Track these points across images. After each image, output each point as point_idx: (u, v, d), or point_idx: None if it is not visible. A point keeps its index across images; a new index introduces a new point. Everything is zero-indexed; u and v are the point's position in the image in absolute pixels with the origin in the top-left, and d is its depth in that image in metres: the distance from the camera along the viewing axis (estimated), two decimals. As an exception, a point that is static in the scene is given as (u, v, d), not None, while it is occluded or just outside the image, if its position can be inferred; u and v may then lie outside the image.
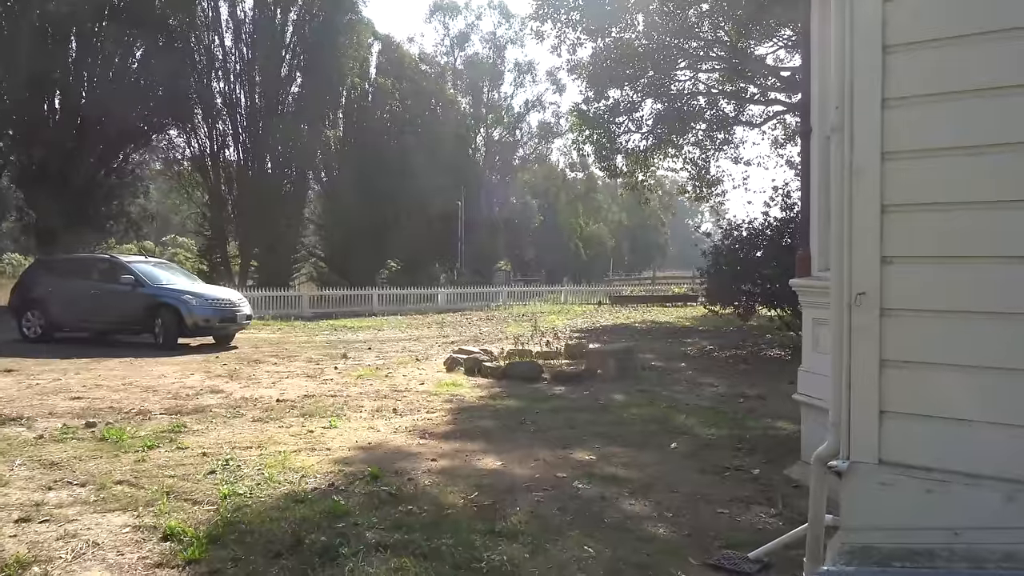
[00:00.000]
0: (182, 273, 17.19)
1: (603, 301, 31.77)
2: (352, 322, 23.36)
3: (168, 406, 8.12)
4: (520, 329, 19.14)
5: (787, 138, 32.10)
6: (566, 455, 6.10)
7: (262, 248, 35.27)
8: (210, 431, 6.90)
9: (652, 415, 7.84)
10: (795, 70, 28.13)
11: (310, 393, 9.08)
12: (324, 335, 18.76)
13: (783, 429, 7.19)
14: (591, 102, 27.54)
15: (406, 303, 30.54)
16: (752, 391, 9.38)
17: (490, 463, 5.82)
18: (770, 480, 5.42)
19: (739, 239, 12.97)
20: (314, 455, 5.97)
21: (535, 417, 7.64)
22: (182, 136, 33.94)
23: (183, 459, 5.83)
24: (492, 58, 53.06)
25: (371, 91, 41.45)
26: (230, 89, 34.00)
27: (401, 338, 17.63)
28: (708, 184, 31.45)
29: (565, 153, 74.77)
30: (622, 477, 5.47)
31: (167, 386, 9.61)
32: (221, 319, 14.84)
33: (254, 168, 34.52)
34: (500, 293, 34.31)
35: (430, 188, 41.52)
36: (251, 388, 9.54)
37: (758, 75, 28.09)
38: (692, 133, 29.69)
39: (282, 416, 7.62)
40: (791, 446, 6.41)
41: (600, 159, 29.36)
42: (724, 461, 5.96)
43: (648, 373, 10.89)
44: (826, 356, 5.25)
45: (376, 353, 13.96)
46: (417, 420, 7.48)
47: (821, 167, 5.28)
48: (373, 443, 6.46)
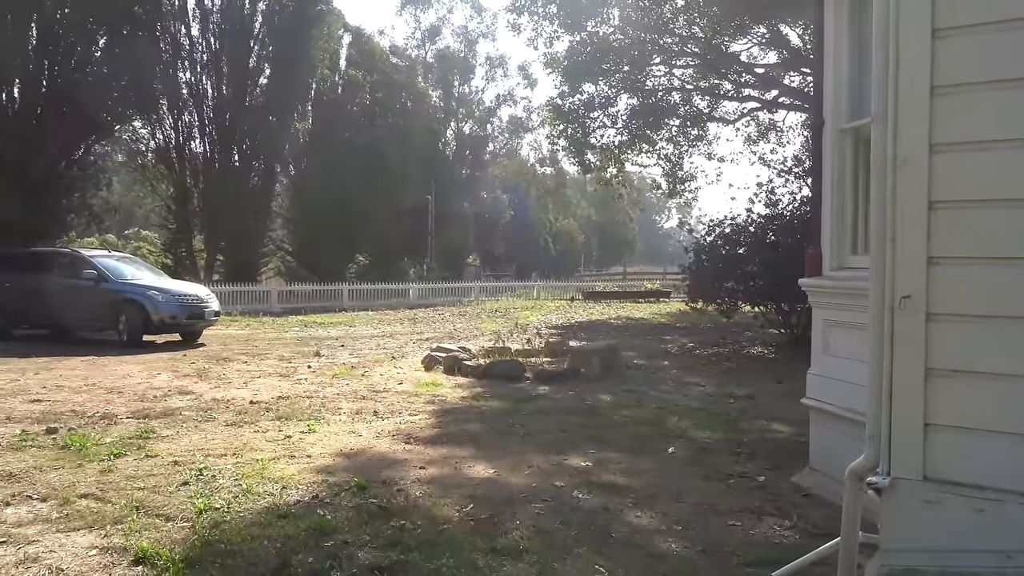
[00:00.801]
0: (147, 268, 16.61)
1: (575, 297, 31.58)
2: (322, 318, 22.89)
3: (135, 409, 7.69)
4: (495, 325, 18.90)
5: (760, 135, 32.18)
6: (560, 461, 5.80)
7: (229, 242, 34.50)
8: (181, 437, 6.49)
9: (643, 417, 7.58)
10: (769, 67, 28.22)
11: (285, 394, 8.69)
12: (294, 331, 18.29)
13: (779, 432, 6.98)
14: (566, 96, 27.31)
15: (377, 298, 30.07)
16: (740, 391, 9.17)
17: (482, 471, 5.51)
18: (778, 488, 5.18)
19: (722, 235, 12.78)
20: (294, 463, 5.61)
21: (523, 419, 7.34)
22: (147, 127, 33.01)
23: (153, 468, 5.44)
24: (463, 52, 52.55)
25: (341, 83, 40.82)
26: (197, 80, 33.16)
27: (374, 335, 17.23)
28: (681, 180, 31.36)
29: (535, 148, 74.75)
30: (623, 485, 5.19)
31: (133, 387, 9.15)
32: (188, 316, 14.33)
33: (221, 160, 33.71)
34: (472, 288, 33.98)
35: (400, 182, 41.05)
36: (222, 389, 9.12)
37: (732, 72, 28.06)
38: (666, 129, 29.58)
39: (257, 419, 7.23)
40: (791, 450, 6.20)
41: (574, 154, 29.12)
42: (726, 467, 5.71)
43: (632, 372, 10.64)
44: (838, 359, 5.03)
45: (350, 351, 13.56)
46: (400, 423, 7.13)
47: (834, 161, 5.04)
48: (356, 449, 6.11)
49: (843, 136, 5.01)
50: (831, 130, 5.07)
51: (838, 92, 5.02)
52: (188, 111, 33.03)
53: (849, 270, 4.93)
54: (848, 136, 4.99)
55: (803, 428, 7.00)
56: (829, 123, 5.09)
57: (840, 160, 5.02)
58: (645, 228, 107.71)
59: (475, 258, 58.25)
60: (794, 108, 28.57)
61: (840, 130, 5.01)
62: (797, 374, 10.35)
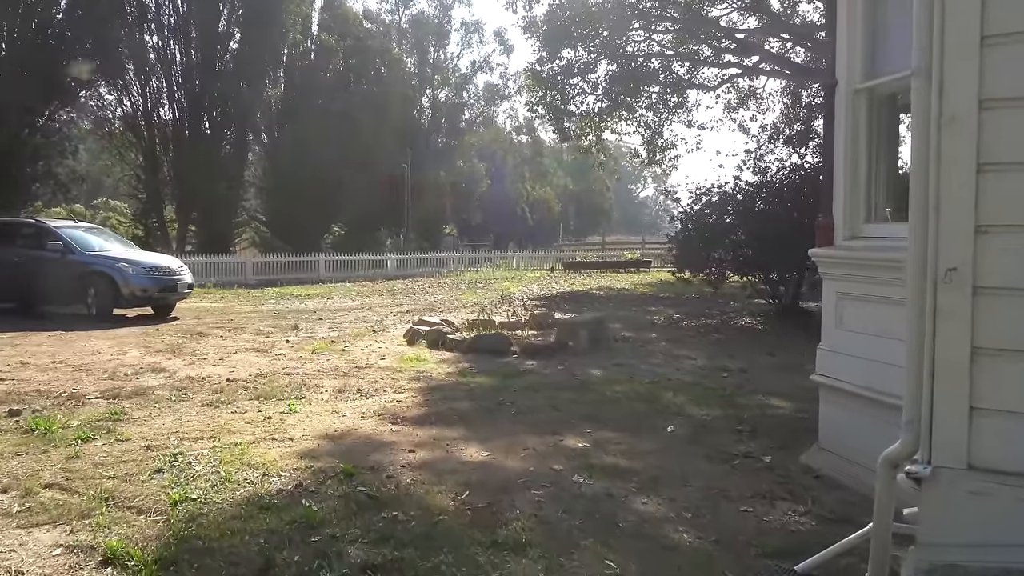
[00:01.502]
0: (116, 239, 16.05)
1: (555, 267, 31.31)
2: (299, 290, 22.44)
3: (104, 388, 7.31)
4: (476, 296, 18.59)
5: (739, 102, 31.90)
6: (556, 442, 5.54)
7: (201, 212, 33.82)
8: (154, 418, 6.14)
9: (636, 392, 7.33)
10: (749, 32, 27.87)
11: (263, 371, 8.33)
12: (271, 304, 17.87)
13: (779, 408, 6.77)
14: (544, 62, 26.82)
15: (354, 269, 29.60)
16: (733, 364, 8.96)
17: (475, 454, 5.22)
18: (787, 469, 4.95)
19: (709, 204, 12.50)
20: (275, 447, 5.29)
21: (513, 397, 7.06)
22: (113, 93, 32.14)
23: (124, 454, 5.09)
24: (438, 17, 51.44)
25: (314, 49, 39.90)
26: (164, 44, 32.23)
27: (353, 307, 16.86)
28: (661, 148, 31.07)
29: (511, 116, 74.06)
30: (624, 468, 4.93)
31: (102, 364, 8.75)
32: (160, 288, 13.85)
33: (191, 128, 32.92)
34: (451, 259, 33.58)
35: (376, 150, 40.33)
36: (197, 366, 8.74)
37: (712, 37, 27.70)
38: (646, 96, 29.24)
39: (234, 399, 6.88)
40: (794, 427, 6.00)
41: (553, 121, 28.70)
42: (729, 446, 5.48)
43: (620, 345, 10.39)
44: (853, 334, 4.77)
45: (329, 324, 13.19)
46: (385, 402, 6.82)
47: (848, 124, 4.74)
48: (340, 431, 5.80)
49: (857, 97, 4.71)
50: (844, 90, 4.77)
51: (852, 49, 4.71)
52: (156, 76, 32.18)
53: (863, 239, 4.67)
54: (863, 96, 4.70)
55: (803, 404, 6.83)
56: (843, 83, 4.79)
57: (854, 122, 4.73)
58: (621, 197, 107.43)
59: (452, 228, 57.66)
60: (774, 74, 28.33)
61: (855, 90, 4.71)
62: (788, 346, 10.24)
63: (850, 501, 4.34)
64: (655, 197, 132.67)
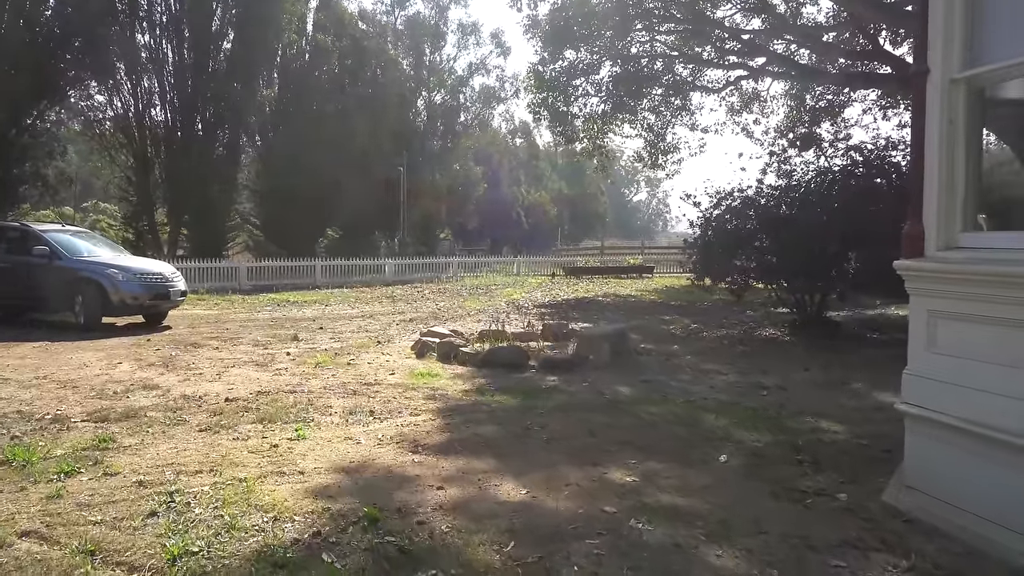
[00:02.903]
0: (106, 243, 15.35)
1: (556, 272, 30.70)
2: (295, 296, 21.79)
3: (92, 409, 6.66)
4: (479, 304, 18.03)
5: (743, 105, 31.48)
6: (600, 475, 4.93)
7: (193, 215, 33.12)
8: (146, 446, 5.51)
9: (674, 414, 6.73)
10: (754, 32, 27.39)
11: (264, 388, 7.70)
12: (267, 311, 17.22)
13: (834, 433, 6.16)
14: (547, 63, 26.28)
15: (351, 275, 28.91)
16: (768, 380, 8.38)
17: (512, 491, 4.61)
18: (868, 510, 4.35)
19: (730, 208, 11.92)
20: (285, 483, 4.67)
21: (540, 419, 6.45)
22: (104, 93, 31.44)
23: (113, 492, 4.47)
24: (434, 18, 50.96)
25: (309, 50, 39.26)
26: (156, 43, 31.53)
27: (353, 315, 16.22)
28: (664, 151, 30.59)
29: (507, 119, 73.52)
30: (685, 509, 4.33)
31: (90, 380, 8.11)
32: (152, 296, 13.17)
33: (183, 129, 32.21)
34: (450, 264, 32.90)
35: (371, 153, 39.77)
36: (192, 382, 8.10)
37: (717, 39, 27.24)
38: (649, 98, 28.76)
39: (235, 422, 6.25)
40: (858, 456, 5.42)
41: (555, 123, 28.13)
42: (794, 481, 4.88)
43: (644, 359, 9.79)
44: (951, 359, 4.14)
45: (330, 334, 12.55)
46: (402, 426, 6.20)
47: (942, 118, 4.16)
48: (356, 462, 5.18)
49: (954, 88, 4.13)
50: (939, 81, 4.18)
51: (949, 34, 4.13)
52: (148, 76, 31.49)
53: (962, 250, 4.08)
54: (960, 87, 4.12)
55: (858, 427, 6.26)
56: (936, 72, 4.21)
57: (949, 117, 4.15)
58: (614, 201, 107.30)
59: (448, 232, 57.02)
60: (781, 76, 27.87)
61: (951, 80, 4.13)
62: (822, 360, 9.65)
63: (955, 552, 3.76)
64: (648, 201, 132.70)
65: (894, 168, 10.81)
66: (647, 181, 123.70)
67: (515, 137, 79.22)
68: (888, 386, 8.03)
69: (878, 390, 7.84)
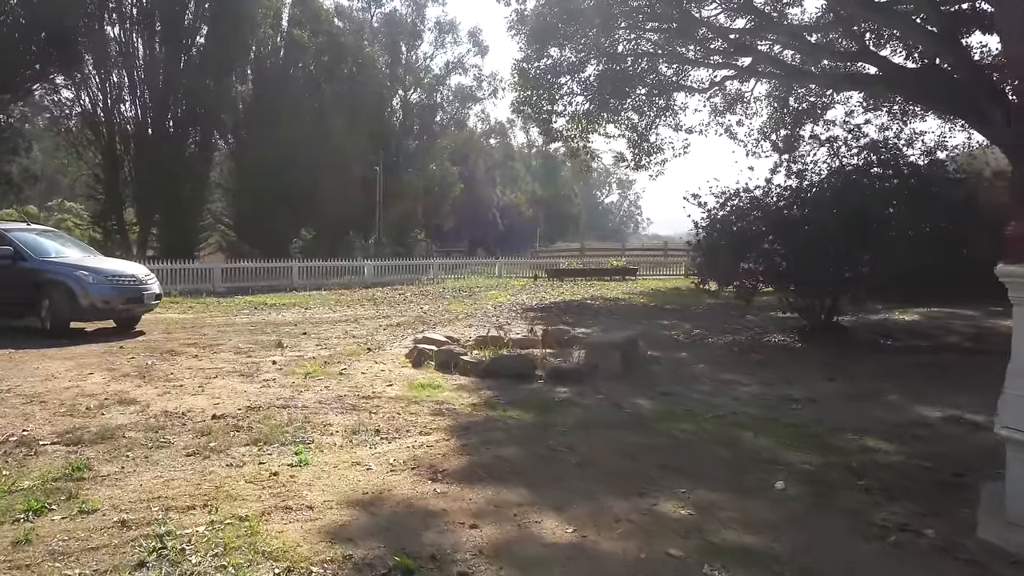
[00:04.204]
0: (74, 243, 14.50)
1: (538, 274, 30.15)
2: (272, 298, 21.00)
3: (63, 429, 5.95)
4: (464, 307, 17.45)
5: (726, 106, 31.19)
6: (650, 508, 4.36)
7: (163, 214, 32.12)
8: (127, 475, 4.83)
9: (708, 432, 6.18)
10: (741, 32, 27.08)
11: (254, 403, 7.02)
12: (245, 315, 16.46)
13: (886, 453, 5.66)
14: (532, 60, 25.73)
15: (329, 276, 28.12)
16: (794, 391, 7.89)
17: (557, 529, 4.02)
18: (966, 550, 3.83)
19: (737, 209, 11.43)
20: (293, 521, 4.04)
21: (564, 439, 5.86)
22: (71, 88, 30.30)
23: (91, 535, 3.82)
24: (412, 16, 50.13)
25: (283, 45, 38.36)
26: (126, 36, 30.49)
27: (336, 319, 15.52)
28: (647, 152, 30.20)
29: (483, 119, 72.86)
30: (759, 552, 3.77)
31: (59, 393, 7.37)
32: (125, 300, 12.38)
33: (154, 126, 31.22)
34: (431, 266, 32.21)
35: (347, 152, 38.99)
36: (173, 395, 7.40)
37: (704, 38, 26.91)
38: (632, 98, 28.36)
39: (226, 444, 5.57)
40: (925, 481, 4.96)
41: (540, 122, 27.61)
42: (868, 512, 4.35)
43: (655, 368, 9.25)
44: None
45: (316, 340, 11.87)
46: (413, 447, 5.58)
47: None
48: (370, 493, 4.56)
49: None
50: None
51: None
52: (117, 71, 30.43)
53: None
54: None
55: (909, 447, 5.81)
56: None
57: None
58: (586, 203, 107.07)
59: (424, 233, 56.23)
60: (767, 75, 27.59)
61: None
62: (843, 369, 9.15)
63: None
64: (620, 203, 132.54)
65: (911, 168, 10.40)
66: (619, 183, 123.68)
67: (490, 137, 78.56)
68: (923, 398, 7.60)
69: (915, 403, 7.38)
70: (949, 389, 8.00)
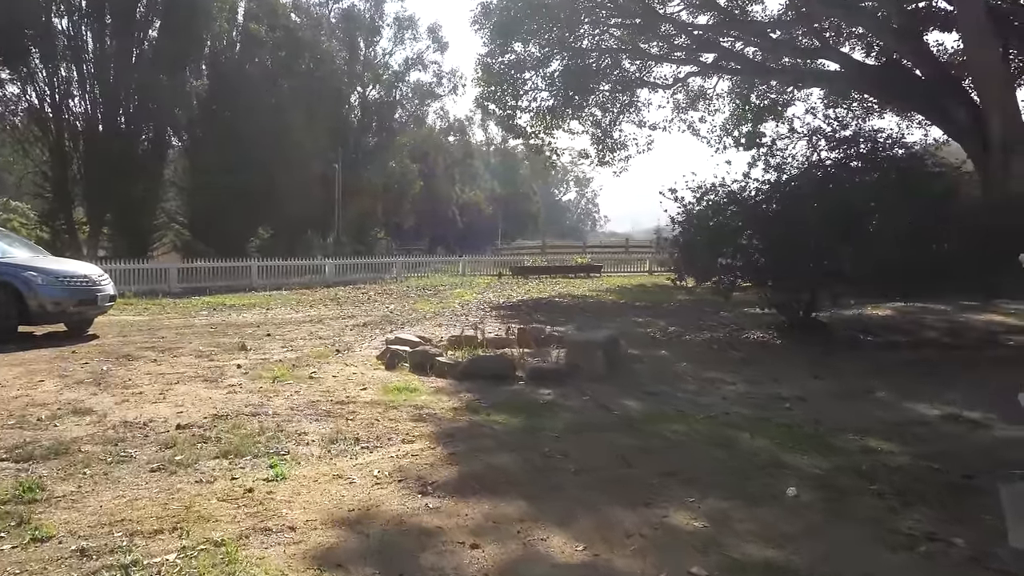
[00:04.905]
0: (22, 243, 13.76)
1: (503, 272, 29.82)
2: (231, 299, 20.36)
3: (11, 443, 5.45)
4: (431, 306, 17.07)
5: (689, 103, 31.23)
6: (660, 520, 4.07)
7: (115, 213, 31.13)
8: (85, 495, 4.39)
9: (702, 434, 5.92)
10: (705, 28, 27.10)
11: (220, 411, 6.57)
12: (204, 316, 15.86)
13: (891, 454, 5.46)
14: (496, 55, 25.42)
15: (289, 276, 27.47)
16: (782, 390, 7.68)
17: (565, 547, 3.70)
18: (999, 560, 3.60)
19: (713, 204, 11.24)
20: (273, 544, 3.67)
21: (556, 444, 5.55)
22: (16, 82, 29.16)
23: (46, 566, 3.42)
24: (370, 11, 49.41)
25: (239, 40, 37.49)
26: (75, 29, 29.39)
27: (299, 319, 15.02)
28: (611, 148, 30.11)
29: (442, 116, 72.34)
30: (786, 568, 3.50)
31: (7, 403, 6.83)
32: (77, 302, 11.73)
33: (105, 122, 30.20)
34: (393, 264, 31.68)
35: (305, 149, 38.27)
36: (132, 403, 6.91)
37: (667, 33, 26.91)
38: (596, 94, 28.25)
39: (194, 457, 5.15)
40: (936, 483, 4.81)
41: (503, 118, 27.32)
42: (888, 521, 4.12)
43: (638, 367, 8.97)
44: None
45: (280, 342, 11.39)
46: (398, 457, 5.22)
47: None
48: (356, 509, 4.19)
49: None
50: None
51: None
52: (65, 65, 29.32)
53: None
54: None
55: (910, 447, 5.68)
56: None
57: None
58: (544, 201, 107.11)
59: (385, 232, 55.54)
60: (730, 72, 27.66)
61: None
62: (827, 366, 8.95)
63: None
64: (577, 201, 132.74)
65: (889, 161, 10.30)
66: (577, 181, 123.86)
67: (450, 135, 78.02)
68: (914, 395, 7.47)
69: (907, 400, 7.24)
70: (938, 385, 7.88)
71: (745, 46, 27.05)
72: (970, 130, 20.14)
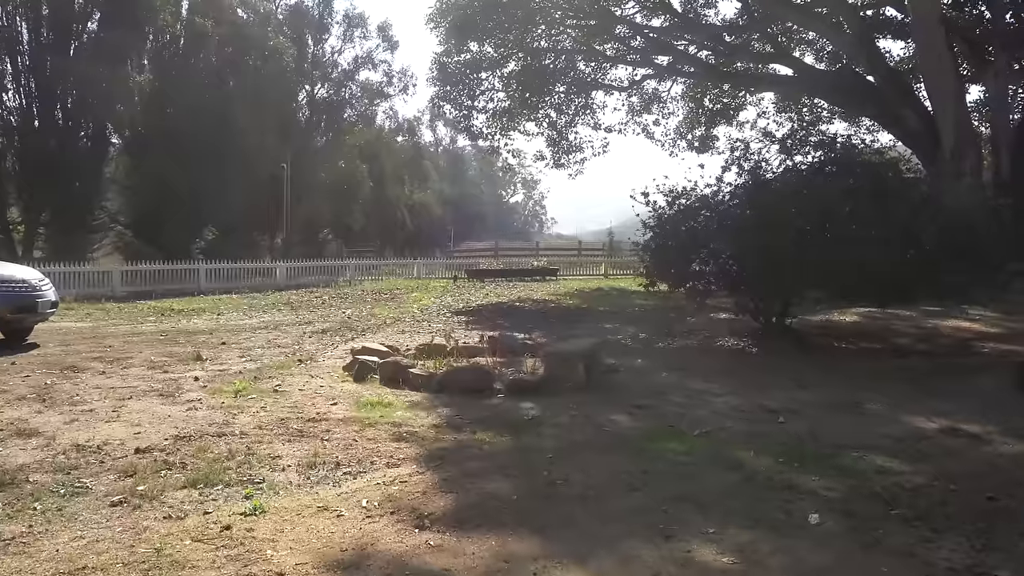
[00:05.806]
0: (-47, 245, 12.90)
1: (458, 275, 29.41)
2: (179, 303, 19.56)
3: (-53, 473, 4.89)
4: (389, 311, 16.62)
5: (643, 106, 31.24)
6: (685, 555, 3.74)
7: (53, 213, 29.86)
8: (38, 536, 3.88)
9: (704, 453, 5.62)
10: (660, 31, 27.14)
11: (182, 431, 6.04)
12: (151, 323, 15.13)
13: (900, 473, 5.21)
14: (451, 54, 25.04)
15: (239, 279, 26.62)
16: (770, 402, 7.43)
17: (590, 593, 3.35)
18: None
19: (685, 208, 11.04)
20: (263, 596, 3.24)
21: (553, 466, 5.20)
22: (-56, 75, 27.70)
23: (-3, 631, 2.92)
24: (319, 8, 48.40)
25: (184, 35, 36.29)
26: (9, 19, 28.11)
27: (254, 326, 14.41)
28: (566, 151, 29.99)
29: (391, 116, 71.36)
30: (833, 612, 3.21)
31: (-59, 424, 6.22)
32: (14, 309, 10.94)
33: (41, 117, 29.03)
34: (347, 267, 30.98)
35: (252, 149, 37.26)
36: (83, 423, 6.33)
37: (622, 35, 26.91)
38: (552, 95, 28.07)
39: (159, 488, 4.65)
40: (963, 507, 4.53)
41: (459, 119, 26.96)
42: (925, 552, 3.85)
43: (618, 378, 8.66)
44: None
45: (238, 351, 10.82)
46: (385, 484, 4.80)
47: None
48: (349, 549, 3.78)
49: None
50: None
51: None
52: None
53: None
54: None
55: (921, 464, 5.47)
56: None
57: None
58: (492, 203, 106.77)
59: (334, 234, 54.46)
60: (686, 75, 27.73)
61: None
62: (809, 376, 8.75)
63: None
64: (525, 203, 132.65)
65: (865, 169, 10.22)
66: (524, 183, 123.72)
67: (399, 135, 77.02)
68: (905, 407, 7.33)
69: (899, 412, 7.06)
70: (925, 395, 7.74)
71: (699, 50, 27.16)
72: (922, 135, 20.44)
